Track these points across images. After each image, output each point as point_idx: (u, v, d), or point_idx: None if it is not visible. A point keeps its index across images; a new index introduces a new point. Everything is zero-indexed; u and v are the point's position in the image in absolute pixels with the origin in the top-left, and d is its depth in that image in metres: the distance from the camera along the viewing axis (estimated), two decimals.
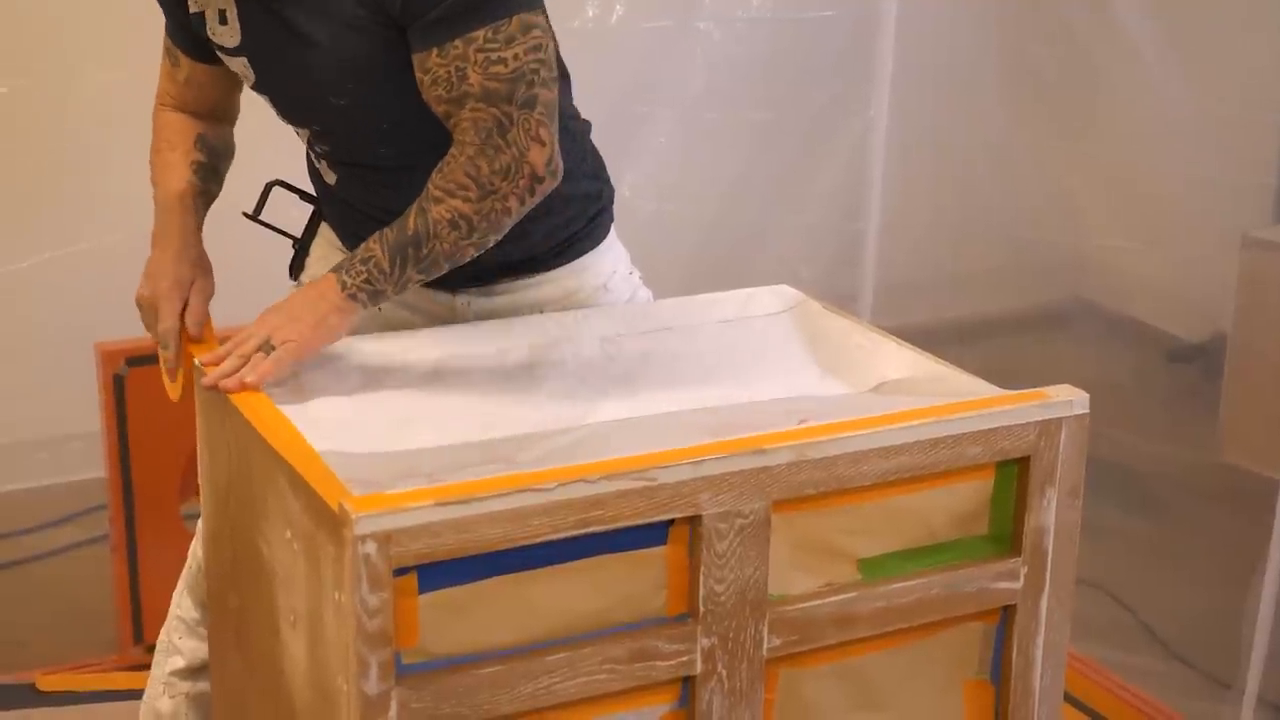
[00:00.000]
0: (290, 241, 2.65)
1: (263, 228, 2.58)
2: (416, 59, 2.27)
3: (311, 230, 2.65)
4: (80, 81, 4.11)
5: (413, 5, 2.23)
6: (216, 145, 2.60)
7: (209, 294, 2.47)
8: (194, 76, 2.58)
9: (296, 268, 2.65)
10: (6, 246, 4.20)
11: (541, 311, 2.56)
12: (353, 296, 2.28)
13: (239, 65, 2.45)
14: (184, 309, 2.44)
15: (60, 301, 4.22)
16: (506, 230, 2.30)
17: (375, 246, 2.27)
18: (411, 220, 2.26)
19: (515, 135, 2.24)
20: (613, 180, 2.67)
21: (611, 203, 2.66)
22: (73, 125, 4.18)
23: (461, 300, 2.56)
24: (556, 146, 2.29)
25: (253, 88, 2.49)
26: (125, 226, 2.62)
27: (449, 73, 2.24)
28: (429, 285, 2.53)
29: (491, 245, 2.31)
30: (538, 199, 2.29)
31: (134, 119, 2.56)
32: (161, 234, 2.53)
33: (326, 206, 2.62)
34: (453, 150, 2.27)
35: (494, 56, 2.22)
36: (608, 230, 2.64)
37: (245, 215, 2.57)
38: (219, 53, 2.47)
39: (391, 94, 2.33)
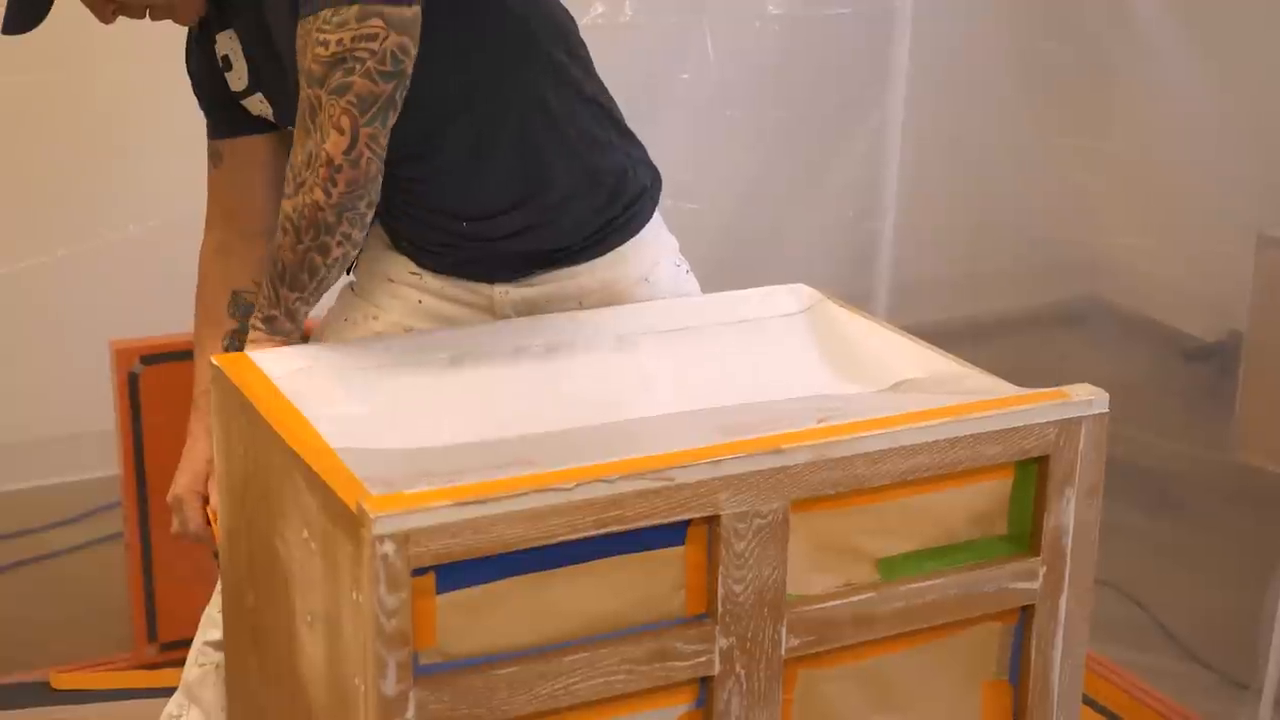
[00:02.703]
0: None
1: None
2: None
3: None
4: (98, 76, 4.11)
5: None
6: (253, 302, 2.62)
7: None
8: (237, 162, 2.60)
9: (353, 262, 2.67)
10: (22, 243, 4.20)
11: (580, 302, 2.55)
12: (254, 327, 2.35)
13: (258, 105, 2.50)
14: (207, 503, 2.52)
15: (75, 299, 4.22)
16: (340, 230, 2.26)
17: (267, 285, 2.33)
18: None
19: (321, 120, 2.20)
20: None
21: (654, 191, 2.63)
22: (90, 121, 4.18)
23: (500, 290, 2.56)
24: (366, 143, 2.22)
25: (279, 124, 2.53)
26: (141, 223, 2.63)
27: (300, 50, 2.23)
28: (467, 277, 2.54)
29: (340, 250, 2.28)
30: (346, 190, 2.22)
31: (153, 115, 2.57)
32: (190, 432, 2.62)
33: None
34: None
35: (320, 38, 2.19)
36: (648, 219, 2.61)
37: None
38: (243, 102, 2.51)
39: None
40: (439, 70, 2.33)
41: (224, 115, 2.57)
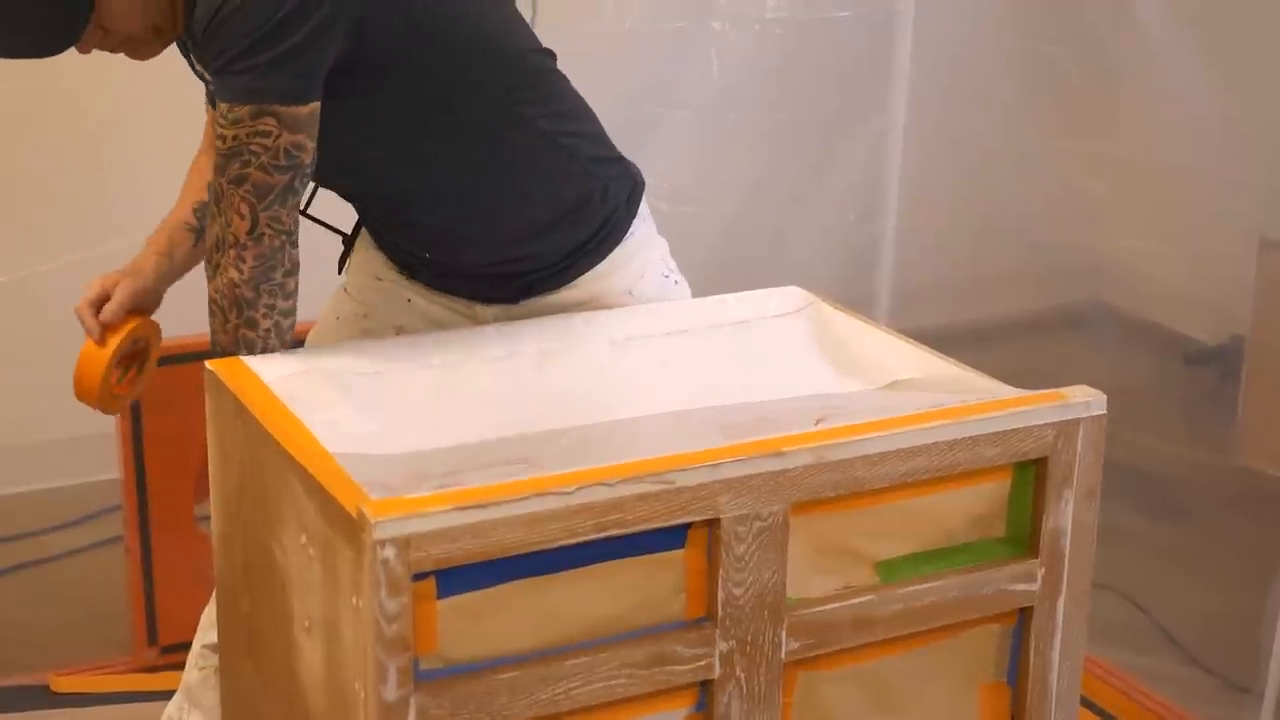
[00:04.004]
0: (340, 237, 2.66)
1: (313, 223, 2.59)
2: None
3: (360, 227, 2.67)
4: (100, 84, 4.10)
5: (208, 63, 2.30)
6: None
7: (132, 291, 2.53)
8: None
9: (345, 262, 2.67)
10: (25, 251, 4.20)
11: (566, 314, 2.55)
12: None
13: None
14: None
15: (77, 302, 4.22)
16: (263, 303, 2.32)
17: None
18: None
19: (224, 206, 2.29)
20: None
21: (632, 205, 2.60)
22: (92, 128, 4.18)
23: (480, 307, 2.56)
24: (267, 224, 2.29)
25: None
26: (144, 230, 2.62)
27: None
28: (448, 292, 2.54)
29: (268, 320, 2.33)
30: (256, 264, 2.29)
31: (154, 122, 2.58)
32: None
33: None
34: None
35: (219, 132, 2.28)
36: (624, 235, 2.58)
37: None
38: None
39: None
40: (382, 127, 2.38)
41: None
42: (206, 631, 2.66)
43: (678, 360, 2.44)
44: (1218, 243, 4.40)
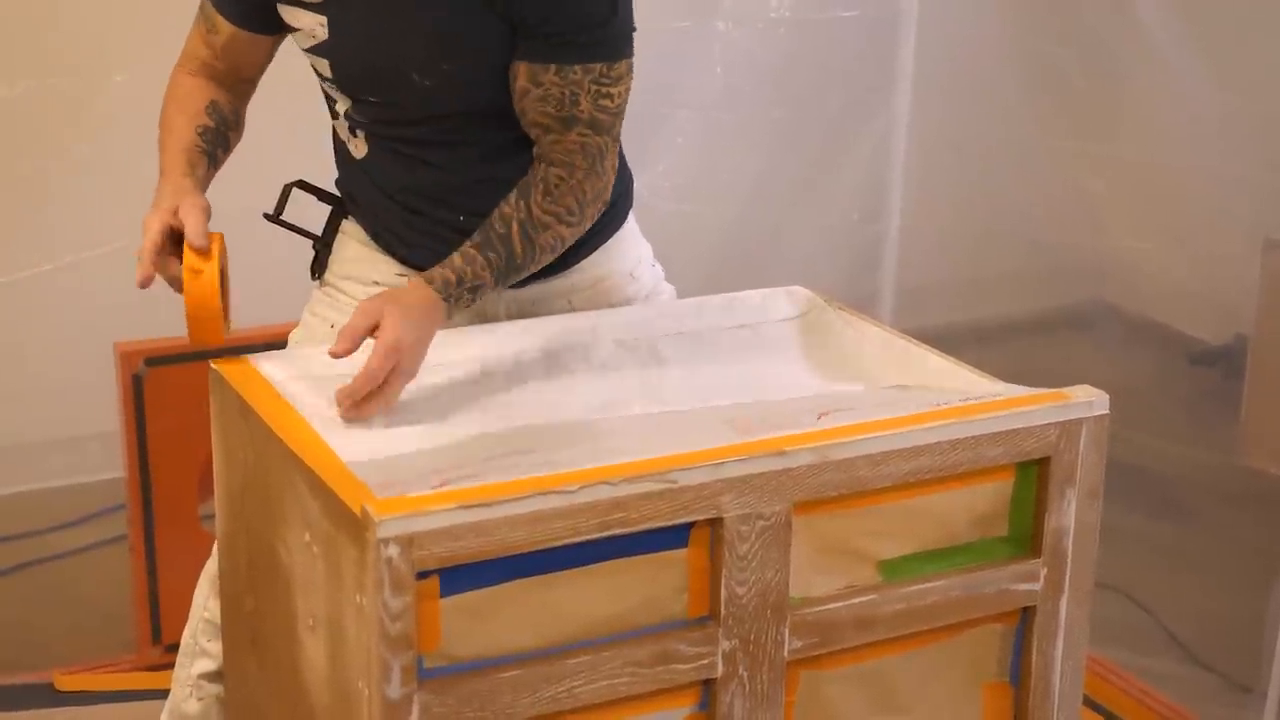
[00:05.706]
0: (311, 242, 2.64)
1: (284, 229, 2.58)
2: (528, 68, 2.35)
3: (332, 229, 2.64)
4: (100, 84, 4.11)
5: (556, 23, 2.32)
6: (228, 115, 2.56)
7: (200, 209, 2.31)
8: (233, 44, 2.53)
9: (318, 268, 2.65)
10: (29, 250, 4.20)
11: (570, 300, 2.58)
12: (457, 297, 2.35)
13: (310, 22, 2.41)
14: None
15: (81, 303, 4.22)
16: None
17: (484, 273, 2.34)
18: (518, 246, 2.36)
19: (607, 165, 2.41)
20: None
21: (627, 198, 2.66)
22: (93, 128, 4.18)
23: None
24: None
25: (310, 49, 2.45)
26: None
27: (563, 93, 2.35)
28: None
29: None
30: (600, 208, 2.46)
31: (155, 121, 2.56)
32: (161, 175, 2.44)
33: (351, 191, 2.62)
34: (558, 173, 2.38)
35: (604, 91, 2.37)
36: (625, 218, 2.65)
37: (266, 217, 2.57)
38: (283, 7, 2.42)
39: (475, 81, 2.40)
40: (486, 84, 2.39)
41: (240, 7, 2.50)
42: (197, 658, 2.60)
43: (682, 360, 2.45)
44: (1221, 242, 4.40)
